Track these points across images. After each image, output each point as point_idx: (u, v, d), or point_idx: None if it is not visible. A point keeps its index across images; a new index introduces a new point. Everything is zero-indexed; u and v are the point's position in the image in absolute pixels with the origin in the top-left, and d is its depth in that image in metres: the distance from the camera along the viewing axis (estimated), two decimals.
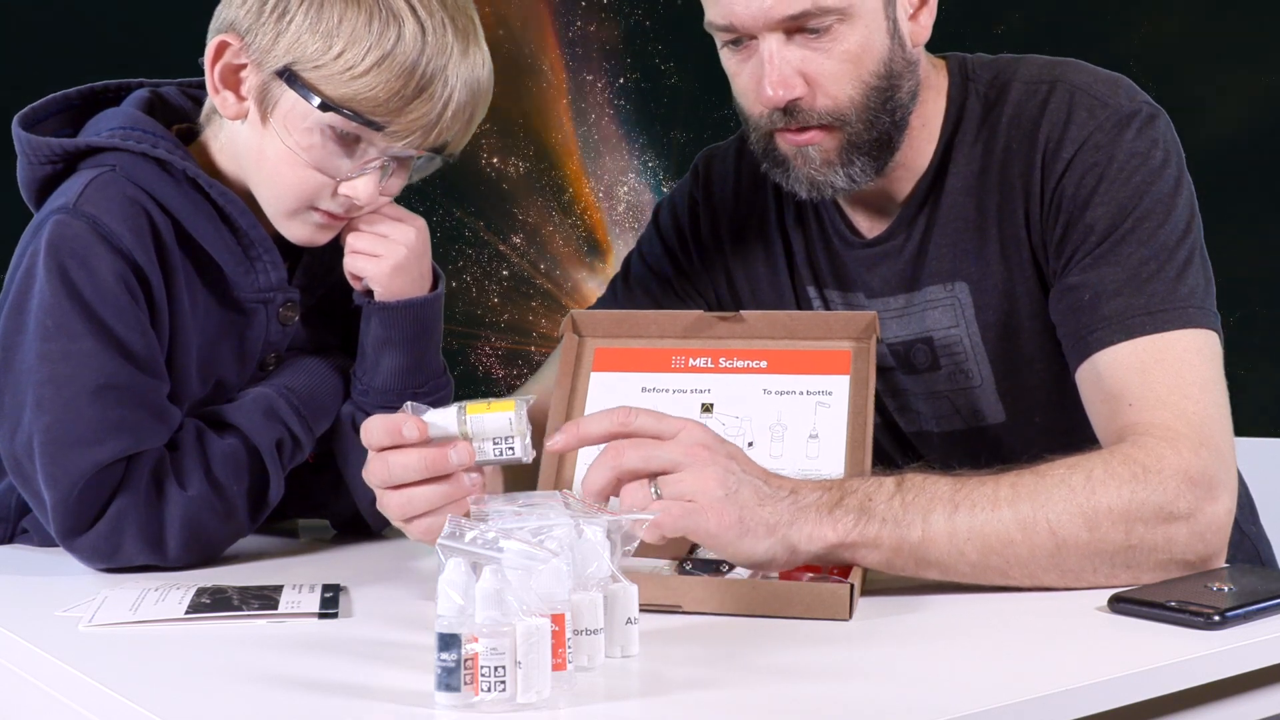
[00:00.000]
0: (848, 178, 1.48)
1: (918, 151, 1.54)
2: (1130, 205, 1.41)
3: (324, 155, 1.38)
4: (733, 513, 1.16)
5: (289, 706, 0.97)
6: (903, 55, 1.48)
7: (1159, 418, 1.30)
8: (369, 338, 1.47)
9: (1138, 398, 1.33)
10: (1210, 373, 1.35)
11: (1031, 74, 1.51)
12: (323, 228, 1.43)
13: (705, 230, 1.69)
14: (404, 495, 1.23)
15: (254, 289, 1.44)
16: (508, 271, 3.75)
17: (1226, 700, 1.13)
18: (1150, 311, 1.36)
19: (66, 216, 1.36)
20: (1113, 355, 1.36)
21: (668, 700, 0.97)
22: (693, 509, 1.15)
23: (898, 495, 1.21)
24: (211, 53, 1.39)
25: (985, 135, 1.51)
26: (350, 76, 1.34)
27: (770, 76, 1.43)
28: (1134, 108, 1.45)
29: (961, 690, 1.00)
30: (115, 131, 1.42)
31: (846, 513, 1.19)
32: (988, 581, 1.23)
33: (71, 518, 1.33)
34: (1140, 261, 1.39)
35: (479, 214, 3.73)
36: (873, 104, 1.46)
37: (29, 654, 1.12)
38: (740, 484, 1.17)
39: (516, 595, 0.94)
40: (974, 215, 1.52)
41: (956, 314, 1.54)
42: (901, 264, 1.56)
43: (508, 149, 3.72)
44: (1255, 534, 1.69)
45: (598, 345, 1.48)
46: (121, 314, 1.35)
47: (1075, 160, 1.44)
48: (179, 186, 1.40)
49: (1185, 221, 1.42)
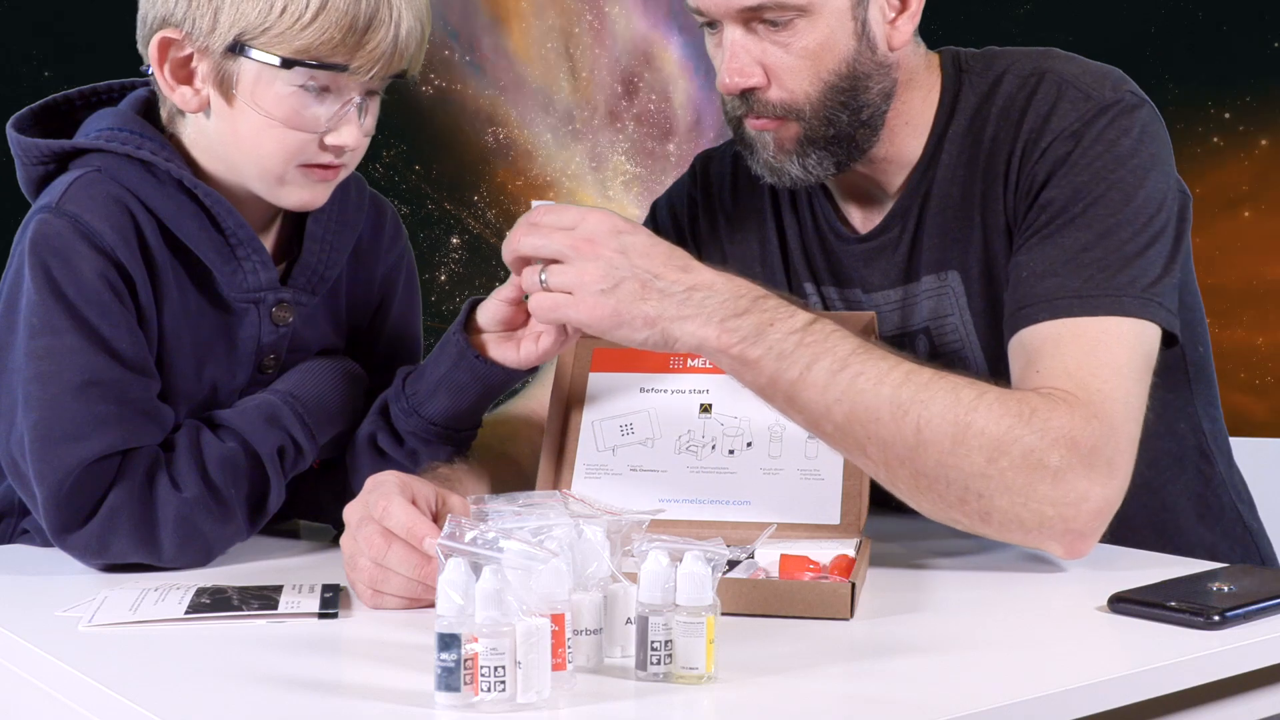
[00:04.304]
0: (803, 169, 1.50)
1: (906, 145, 1.55)
2: (1086, 189, 1.41)
3: (299, 112, 1.37)
4: (608, 305, 1.25)
5: (289, 706, 0.97)
6: (871, 57, 1.49)
7: (1061, 384, 1.30)
8: (442, 371, 1.43)
9: (1046, 367, 1.33)
10: (1128, 360, 1.33)
11: (1024, 67, 1.52)
12: (317, 185, 1.42)
13: (704, 228, 1.70)
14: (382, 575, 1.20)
15: (242, 289, 1.44)
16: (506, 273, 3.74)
17: (1226, 700, 1.13)
18: (1081, 295, 1.36)
19: (49, 215, 1.37)
20: (1035, 330, 1.36)
21: (668, 700, 0.97)
22: (566, 300, 1.26)
23: (799, 332, 1.26)
24: (155, 54, 1.38)
25: (976, 126, 1.52)
26: (300, 28, 1.33)
27: (728, 65, 1.46)
28: (1116, 98, 1.46)
29: (961, 690, 1.00)
30: (102, 132, 1.42)
31: (740, 326, 1.25)
32: (845, 449, 1.28)
33: (63, 514, 1.33)
34: (1082, 245, 1.38)
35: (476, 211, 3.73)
36: (830, 102, 1.47)
37: (29, 654, 1.12)
38: (624, 277, 1.25)
39: (516, 595, 0.94)
40: (960, 204, 1.52)
41: (951, 303, 1.54)
42: (899, 256, 1.57)
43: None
44: (1256, 529, 1.70)
45: (596, 345, 1.48)
46: (105, 311, 1.35)
47: (1049, 148, 1.45)
48: (163, 187, 1.40)
49: (1149, 214, 1.41)
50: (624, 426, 1.44)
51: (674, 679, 0.99)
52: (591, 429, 1.44)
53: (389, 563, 1.20)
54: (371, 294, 1.60)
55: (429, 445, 1.45)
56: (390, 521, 1.20)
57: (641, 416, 1.45)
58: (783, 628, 1.15)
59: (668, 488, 1.40)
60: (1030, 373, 1.34)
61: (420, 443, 1.44)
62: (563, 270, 1.27)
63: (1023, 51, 1.55)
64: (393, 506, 1.20)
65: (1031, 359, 1.35)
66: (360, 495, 1.25)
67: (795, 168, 1.50)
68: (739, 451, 1.40)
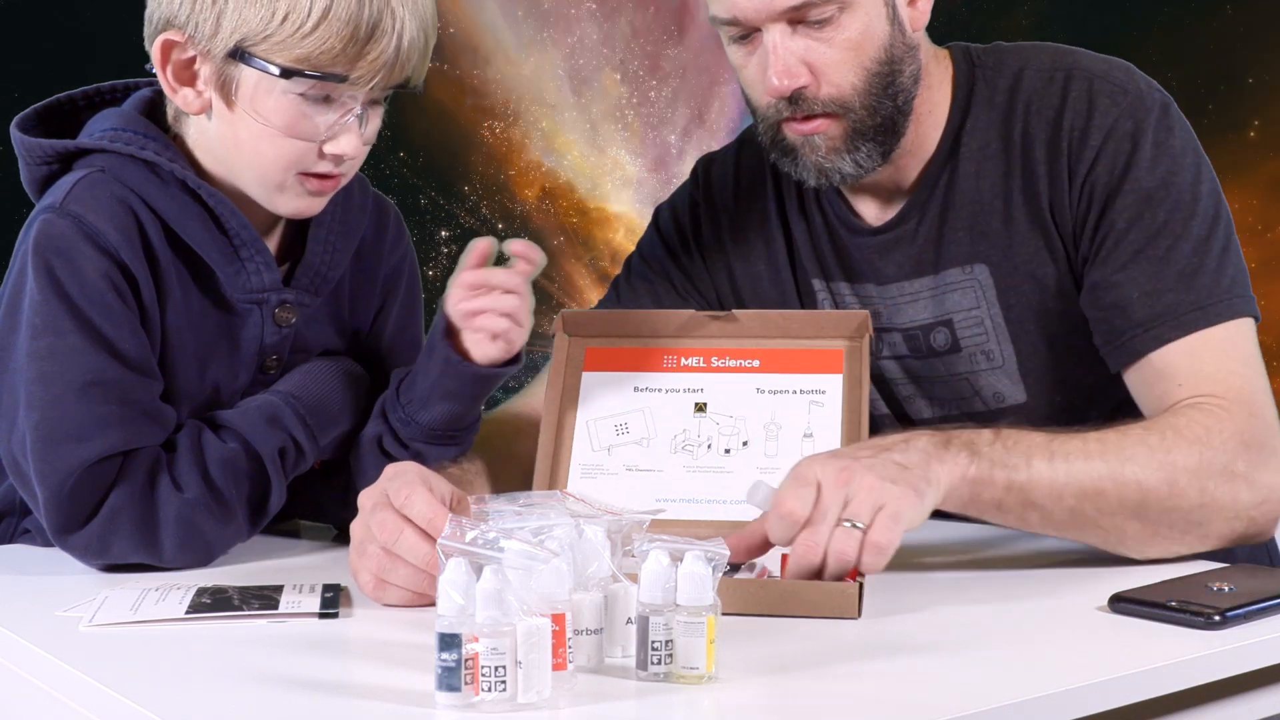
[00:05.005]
0: (854, 164, 1.51)
1: (923, 137, 1.56)
2: (1159, 195, 1.45)
3: (298, 121, 1.37)
4: (909, 491, 1.21)
5: (289, 706, 0.97)
6: (903, 40, 1.50)
7: (1207, 389, 1.38)
8: (431, 379, 1.43)
9: (1186, 378, 1.41)
10: (1253, 354, 1.43)
11: (1044, 62, 1.54)
12: (314, 194, 1.42)
13: (706, 230, 1.70)
14: (390, 563, 1.20)
15: (245, 289, 1.44)
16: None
17: (1226, 700, 1.13)
18: (1200, 306, 1.42)
19: (52, 215, 1.37)
20: (1170, 349, 1.42)
21: (668, 700, 0.97)
22: (892, 514, 1.19)
23: (998, 441, 1.29)
24: (159, 55, 1.38)
25: (999, 120, 1.54)
26: (300, 36, 1.33)
27: (775, 67, 1.46)
28: (1151, 94, 1.50)
29: (962, 690, 1.00)
30: (106, 133, 1.42)
31: (959, 452, 1.27)
32: (1076, 529, 1.32)
33: (64, 514, 1.33)
34: (1184, 257, 1.44)
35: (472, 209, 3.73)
36: (875, 90, 1.49)
37: (29, 654, 1.12)
38: (884, 468, 1.22)
39: (517, 595, 0.94)
40: (992, 199, 1.54)
41: (977, 295, 1.55)
42: (917, 248, 1.57)
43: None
44: None
45: (589, 345, 1.48)
46: (108, 311, 1.35)
47: (1104, 149, 1.47)
48: (166, 188, 1.40)
49: (1213, 208, 1.47)
50: (619, 426, 1.44)
51: (674, 679, 0.99)
52: (586, 429, 1.44)
53: (399, 549, 1.19)
54: (374, 295, 1.60)
55: (433, 446, 1.45)
56: (411, 510, 1.20)
57: (636, 416, 1.45)
58: (782, 628, 1.15)
59: (664, 487, 1.40)
60: (1173, 388, 1.41)
61: (424, 445, 1.45)
62: (859, 503, 1.19)
63: (1033, 47, 1.57)
64: (415, 495, 1.20)
65: (1173, 375, 1.42)
66: (379, 482, 1.25)
67: (847, 164, 1.51)
68: (735, 451, 1.41)
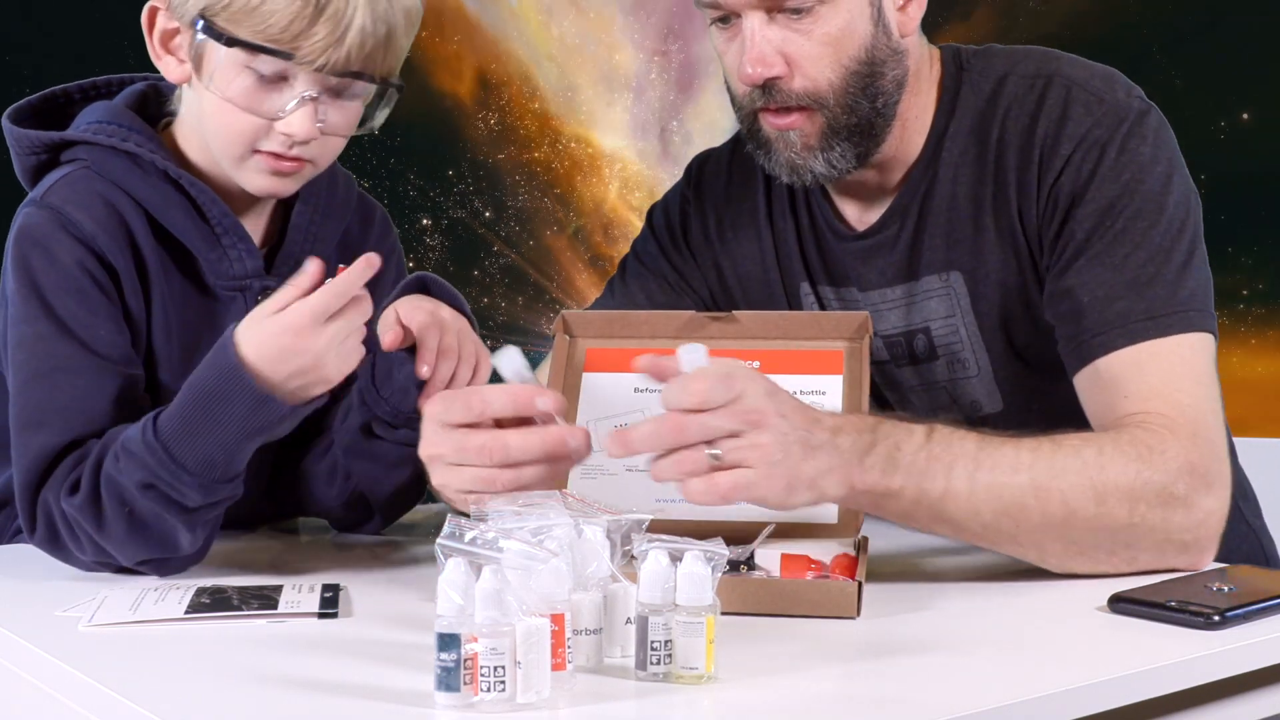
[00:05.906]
0: (827, 163, 1.49)
1: (908, 142, 1.55)
2: (1121, 203, 1.42)
3: (252, 96, 1.38)
4: (781, 475, 1.18)
5: (289, 706, 0.97)
6: (887, 43, 1.49)
7: (1154, 407, 1.34)
8: (407, 370, 1.40)
9: (1134, 391, 1.36)
10: (1205, 371, 1.38)
11: (1028, 68, 1.52)
12: (277, 174, 1.42)
13: (695, 228, 1.70)
14: (515, 474, 1.22)
15: (228, 276, 1.45)
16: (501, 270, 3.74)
17: (1226, 700, 1.13)
18: (1152, 316, 1.38)
19: (33, 209, 1.40)
20: (1116, 357, 1.39)
21: (668, 700, 0.97)
22: (747, 478, 1.17)
23: (925, 447, 1.24)
24: (146, 22, 1.42)
25: (979, 127, 1.52)
26: (250, 9, 1.35)
27: (750, 54, 1.45)
28: (1128, 103, 1.47)
29: (962, 690, 1.00)
30: (91, 125, 1.45)
31: (876, 460, 1.22)
32: (993, 543, 1.27)
33: (28, 511, 1.33)
34: (1139, 264, 1.40)
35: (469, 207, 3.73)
36: (852, 89, 1.47)
37: (29, 654, 1.12)
38: (790, 443, 1.18)
39: (516, 595, 0.94)
40: (967, 206, 1.52)
41: (952, 304, 1.54)
42: (897, 255, 1.56)
43: None
44: (1259, 527, 1.71)
45: (589, 346, 1.48)
46: (82, 299, 1.37)
47: (1072, 157, 1.45)
48: (148, 178, 1.42)
49: (1180, 220, 1.43)
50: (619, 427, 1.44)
51: (674, 679, 0.99)
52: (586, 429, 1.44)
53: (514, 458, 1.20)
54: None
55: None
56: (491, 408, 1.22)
57: (636, 417, 1.44)
58: (781, 628, 1.15)
59: (664, 487, 1.39)
60: (1119, 399, 1.37)
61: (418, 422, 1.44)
62: (737, 447, 1.17)
63: (1024, 51, 1.55)
64: (489, 405, 1.22)
65: (1118, 385, 1.38)
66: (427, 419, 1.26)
67: (819, 163, 1.49)
68: None
